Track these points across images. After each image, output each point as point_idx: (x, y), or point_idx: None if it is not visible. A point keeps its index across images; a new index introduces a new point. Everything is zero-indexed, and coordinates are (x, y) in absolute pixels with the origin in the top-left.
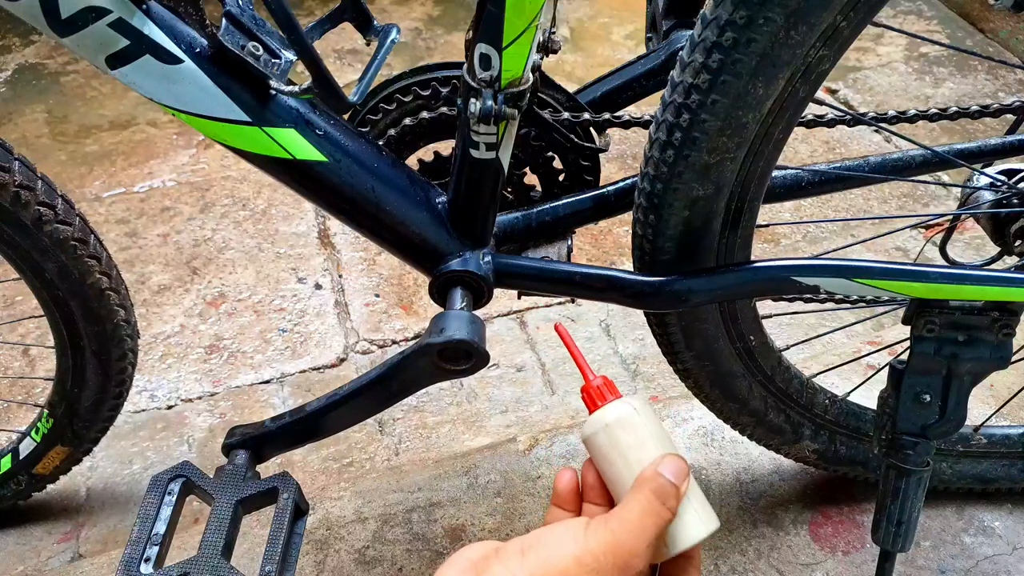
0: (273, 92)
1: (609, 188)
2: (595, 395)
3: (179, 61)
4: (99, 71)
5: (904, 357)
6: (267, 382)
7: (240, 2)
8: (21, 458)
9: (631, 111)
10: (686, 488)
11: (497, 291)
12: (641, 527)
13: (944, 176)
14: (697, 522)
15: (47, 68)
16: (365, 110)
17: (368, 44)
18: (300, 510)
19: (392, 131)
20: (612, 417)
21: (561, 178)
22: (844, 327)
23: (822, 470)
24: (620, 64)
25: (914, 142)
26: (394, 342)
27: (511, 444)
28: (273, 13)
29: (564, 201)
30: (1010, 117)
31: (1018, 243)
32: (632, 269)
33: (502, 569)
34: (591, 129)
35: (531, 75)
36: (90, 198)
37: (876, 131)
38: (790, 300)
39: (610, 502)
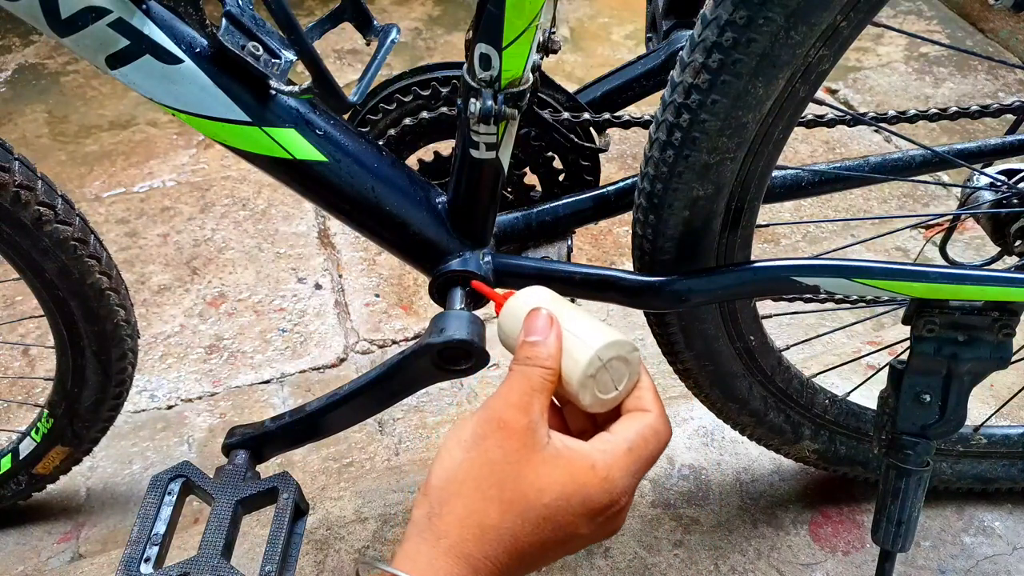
0: (273, 92)
1: (609, 188)
2: (498, 299)
3: (179, 61)
4: (99, 71)
5: (904, 357)
6: (267, 382)
7: (240, 2)
8: (21, 458)
9: (631, 111)
10: (556, 336)
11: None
12: (507, 391)
13: (944, 176)
14: (581, 348)
15: (47, 68)
16: (365, 110)
17: (368, 44)
18: (300, 510)
19: (392, 131)
20: (501, 316)
21: (561, 178)
22: (844, 327)
23: (822, 470)
24: (620, 64)
25: (914, 142)
26: (394, 342)
27: None
28: (273, 13)
29: (564, 201)
30: (1010, 117)
31: (1018, 243)
32: (632, 269)
33: (416, 506)
34: (591, 129)
35: (531, 75)
36: (90, 198)
37: (876, 131)
38: (790, 300)
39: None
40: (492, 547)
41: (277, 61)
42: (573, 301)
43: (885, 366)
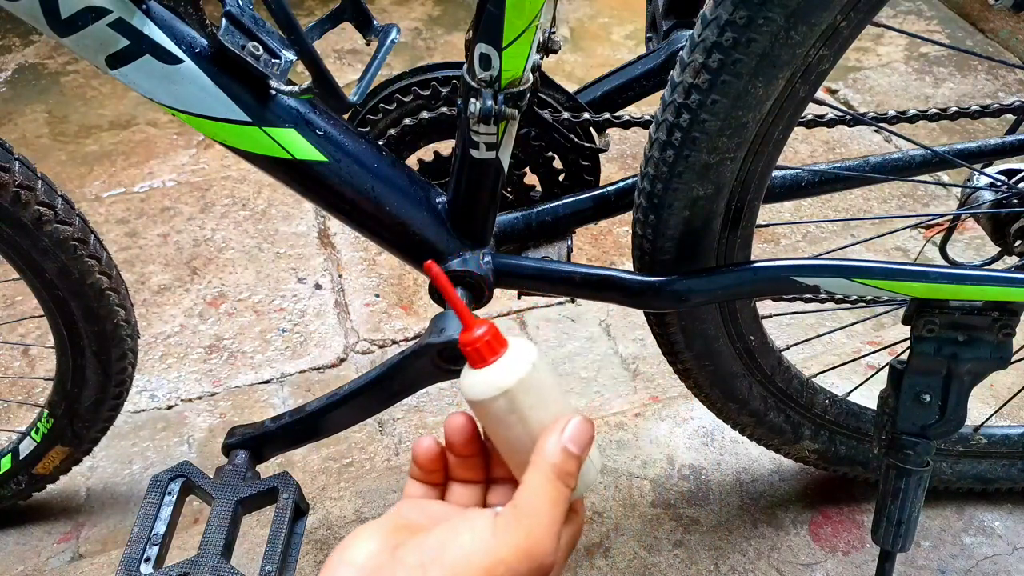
0: (273, 92)
1: (609, 188)
2: (482, 348)
3: (179, 61)
4: (99, 71)
5: (904, 357)
6: (267, 382)
7: (240, 2)
8: (21, 458)
9: (631, 111)
10: (587, 454)
11: (497, 291)
12: (552, 519)
13: (944, 176)
14: (591, 471)
15: (47, 68)
16: (365, 110)
17: (368, 44)
18: (300, 510)
19: (392, 131)
20: (511, 380)
21: (561, 178)
22: (844, 327)
23: (822, 470)
24: (620, 64)
25: (914, 142)
26: (394, 342)
27: None
28: (273, 13)
29: (564, 201)
30: (1010, 117)
31: (1018, 243)
32: (632, 269)
33: None
34: (591, 129)
35: (531, 75)
36: (90, 198)
37: (876, 131)
38: (790, 300)
39: (482, 470)
40: None
41: (277, 61)
42: (573, 302)
43: (885, 366)
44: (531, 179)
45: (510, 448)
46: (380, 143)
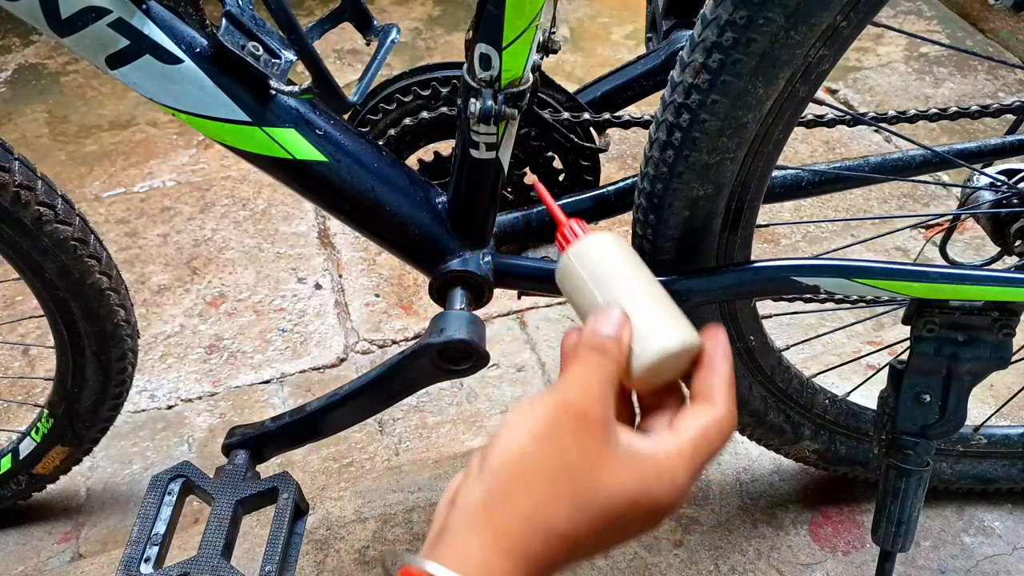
0: (273, 92)
1: (609, 188)
2: (564, 237)
3: (179, 61)
4: (99, 71)
5: (904, 357)
6: (267, 382)
7: (240, 2)
8: (21, 458)
9: (631, 111)
10: (628, 333)
11: (497, 291)
12: (585, 381)
13: (944, 176)
14: (656, 337)
15: (47, 68)
16: (365, 110)
17: (368, 44)
18: (300, 510)
19: (392, 131)
20: (575, 252)
21: (561, 178)
22: (844, 327)
23: (822, 470)
24: (620, 64)
25: (914, 142)
26: (394, 342)
27: None
28: (273, 13)
29: (564, 201)
30: (1010, 117)
31: (1018, 243)
32: None
33: (466, 487)
34: (591, 129)
35: (531, 75)
36: (90, 198)
37: (876, 131)
38: (790, 300)
39: None
40: (555, 552)
41: (277, 61)
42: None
43: (885, 366)
44: (531, 179)
45: (575, 306)
46: (380, 143)
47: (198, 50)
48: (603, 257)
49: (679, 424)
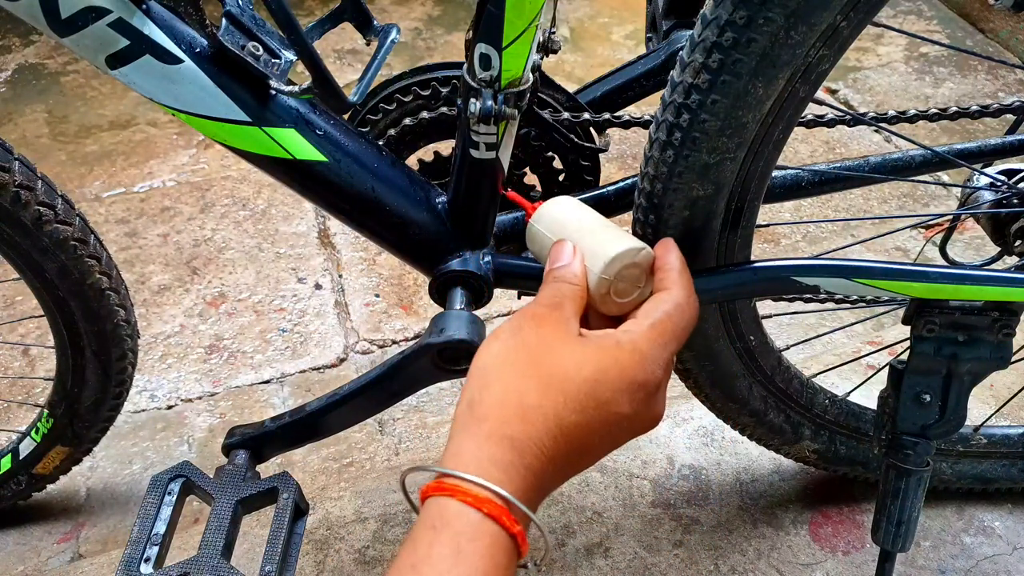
0: (273, 92)
1: (609, 188)
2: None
3: (179, 61)
4: (99, 71)
5: (904, 357)
6: (267, 382)
7: (240, 2)
8: (21, 458)
9: (631, 111)
10: (580, 258)
11: (497, 291)
12: (541, 298)
13: (944, 176)
14: (603, 249)
15: (47, 68)
16: (365, 110)
17: (368, 44)
18: (300, 510)
19: (392, 131)
20: (527, 233)
21: (561, 178)
22: (844, 327)
23: (822, 470)
24: (620, 64)
25: (914, 142)
26: (394, 342)
27: None
28: (273, 13)
29: None
30: (1010, 117)
31: (1018, 243)
32: None
33: (457, 407)
34: (591, 129)
35: (531, 75)
36: (90, 198)
37: (876, 131)
38: (790, 300)
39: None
40: (535, 428)
41: (277, 61)
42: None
43: (885, 366)
44: (531, 179)
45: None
46: (380, 143)
47: (198, 50)
48: (556, 212)
49: (637, 313)
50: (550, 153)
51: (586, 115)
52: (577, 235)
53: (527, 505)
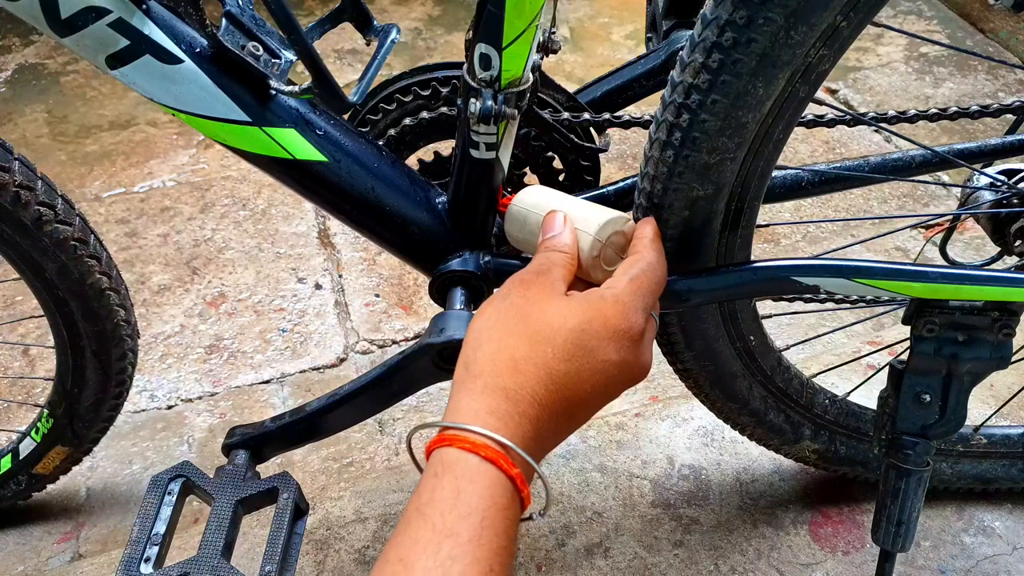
0: (273, 92)
1: (609, 188)
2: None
3: (179, 61)
4: (99, 71)
5: (904, 357)
6: (267, 382)
7: (240, 2)
8: (21, 458)
9: (631, 111)
10: (571, 227)
11: None
12: (530, 265)
13: (944, 176)
14: (594, 217)
15: (47, 68)
16: (365, 110)
17: (368, 44)
18: (300, 510)
19: (392, 131)
20: (506, 216)
21: (561, 178)
22: (844, 327)
23: (822, 470)
24: (620, 64)
25: (914, 142)
26: (394, 342)
27: None
28: (273, 13)
29: None
30: (1010, 117)
31: (1018, 243)
32: None
33: (458, 370)
34: (591, 129)
35: (531, 75)
36: (90, 198)
37: (876, 131)
38: (790, 300)
39: None
40: (527, 378)
41: (277, 61)
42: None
43: (885, 366)
44: (531, 179)
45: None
46: (380, 143)
47: (198, 50)
48: (537, 193)
49: (619, 272)
50: (550, 153)
51: (586, 115)
52: (566, 206)
53: (526, 452)
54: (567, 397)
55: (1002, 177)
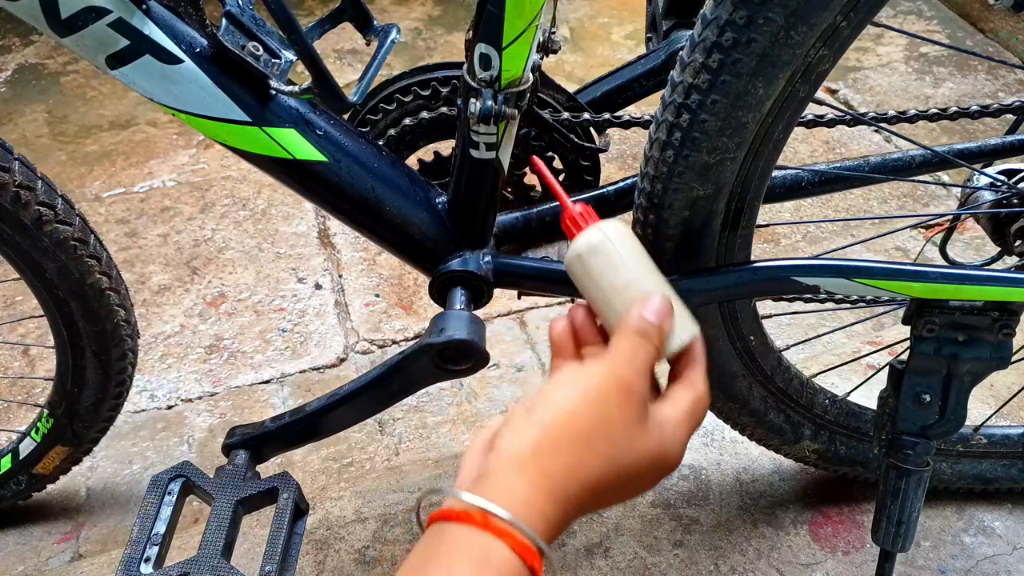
0: (273, 92)
1: (609, 188)
2: (571, 224)
3: (179, 61)
4: (99, 71)
5: (904, 357)
6: (267, 382)
7: (240, 2)
8: (21, 458)
9: (631, 111)
10: (670, 324)
11: (497, 291)
12: (632, 357)
13: (944, 176)
14: (683, 328)
15: (47, 68)
16: (365, 110)
17: (368, 44)
18: (300, 510)
19: (392, 131)
20: (583, 246)
21: (561, 178)
22: (844, 327)
23: (822, 470)
24: (620, 64)
25: (914, 142)
26: (394, 342)
27: None
28: (273, 13)
29: None
30: (1010, 117)
31: (1018, 243)
32: None
33: (510, 435)
34: (591, 129)
35: (531, 75)
36: (90, 198)
37: (876, 131)
38: (790, 300)
39: (605, 337)
40: (585, 498)
41: (277, 61)
42: (573, 302)
43: (885, 366)
44: (531, 179)
45: (599, 309)
46: (380, 143)
47: (198, 50)
48: (625, 245)
49: (674, 395)
50: (550, 153)
51: (586, 115)
52: (657, 288)
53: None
54: (603, 505)
55: (1002, 177)
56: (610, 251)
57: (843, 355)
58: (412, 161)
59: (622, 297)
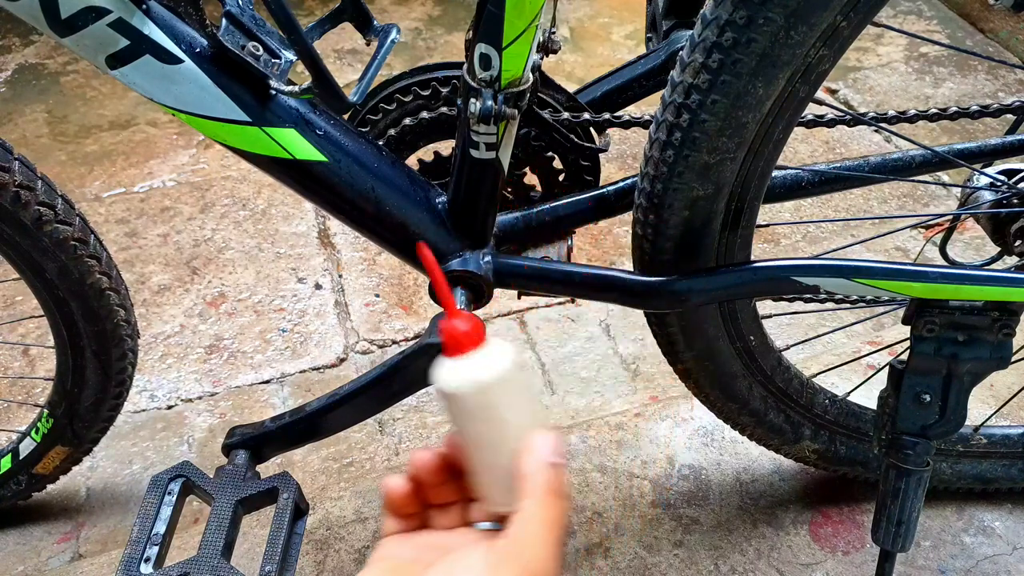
0: (273, 92)
1: (609, 188)
2: (462, 338)
3: (179, 61)
4: (99, 71)
5: (904, 357)
6: (267, 382)
7: (240, 2)
8: (21, 458)
9: (631, 111)
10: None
11: (497, 291)
12: (549, 542)
13: (944, 176)
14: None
15: (47, 68)
16: (365, 110)
17: (368, 44)
18: (300, 510)
19: (392, 131)
20: (490, 376)
21: (561, 178)
22: (844, 327)
23: (822, 470)
24: (620, 64)
25: (914, 142)
26: (394, 342)
27: None
28: (273, 13)
29: (564, 201)
30: (1010, 117)
31: (1018, 243)
32: (632, 269)
33: None
34: (591, 129)
35: (531, 75)
36: (90, 198)
37: (876, 131)
38: (790, 300)
39: (458, 492)
40: None
41: (277, 61)
42: (573, 302)
43: (885, 366)
44: (531, 179)
45: (480, 445)
46: (380, 143)
47: (198, 50)
48: (520, 387)
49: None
50: (550, 153)
51: (586, 115)
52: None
53: None
54: None
55: (1002, 177)
56: (519, 383)
57: (843, 355)
58: (412, 161)
59: (517, 436)
